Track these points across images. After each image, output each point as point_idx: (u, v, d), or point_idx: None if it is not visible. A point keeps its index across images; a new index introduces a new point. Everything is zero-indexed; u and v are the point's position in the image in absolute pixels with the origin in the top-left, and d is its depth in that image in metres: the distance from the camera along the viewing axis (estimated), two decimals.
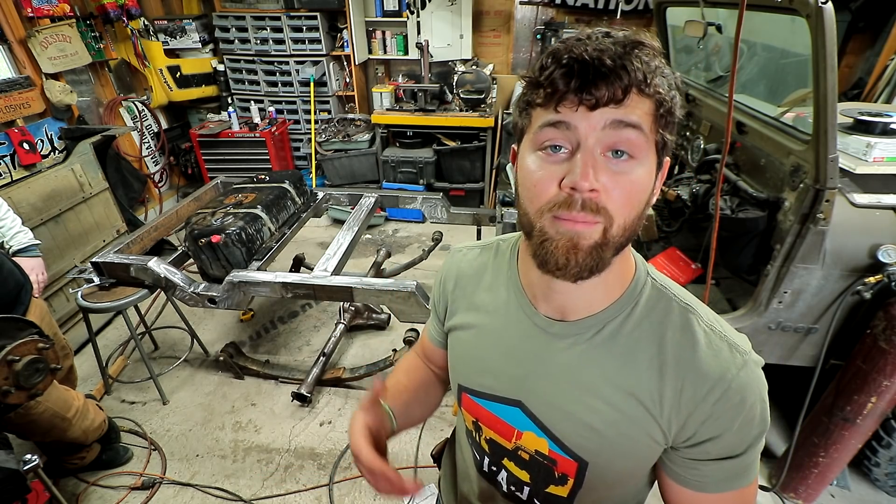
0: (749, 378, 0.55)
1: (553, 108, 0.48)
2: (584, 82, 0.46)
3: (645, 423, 0.57)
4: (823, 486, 1.76)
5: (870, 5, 3.14)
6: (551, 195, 0.50)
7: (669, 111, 0.49)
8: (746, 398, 0.54)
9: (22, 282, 1.66)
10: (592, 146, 0.48)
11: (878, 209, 1.45)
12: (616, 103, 0.46)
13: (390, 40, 4.31)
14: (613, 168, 0.48)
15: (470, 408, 0.72)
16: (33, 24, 3.01)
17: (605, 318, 0.59)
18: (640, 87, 0.47)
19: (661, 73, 0.48)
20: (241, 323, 2.93)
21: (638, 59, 0.47)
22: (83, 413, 1.76)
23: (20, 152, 2.82)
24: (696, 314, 0.58)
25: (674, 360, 0.56)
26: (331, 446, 2.13)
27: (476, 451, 0.77)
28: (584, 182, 0.47)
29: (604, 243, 0.50)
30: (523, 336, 0.64)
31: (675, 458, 0.59)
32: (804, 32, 1.25)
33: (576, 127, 0.48)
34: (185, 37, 4.10)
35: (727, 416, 0.54)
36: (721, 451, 0.56)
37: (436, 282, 0.81)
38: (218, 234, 2.03)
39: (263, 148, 4.14)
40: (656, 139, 0.50)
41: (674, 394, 0.56)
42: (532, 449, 0.66)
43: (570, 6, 3.90)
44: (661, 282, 0.61)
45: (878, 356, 1.44)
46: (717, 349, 0.55)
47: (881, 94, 2.95)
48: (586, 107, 0.47)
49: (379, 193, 2.76)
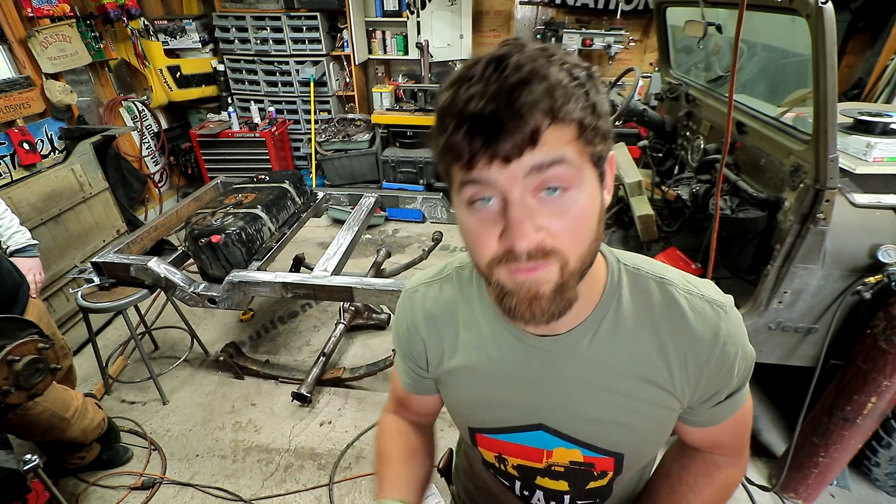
0: (733, 326, 0.58)
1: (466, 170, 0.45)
2: (488, 140, 0.42)
3: (664, 401, 0.60)
4: (823, 486, 1.76)
5: (870, 5, 3.14)
6: (493, 250, 0.48)
7: (593, 125, 0.45)
8: (737, 343, 0.58)
9: (19, 282, 1.66)
10: (519, 197, 0.44)
11: (878, 209, 1.45)
12: (531, 146, 0.42)
13: (390, 40, 4.31)
14: (551, 207, 0.45)
15: (489, 445, 0.70)
16: (33, 24, 3.01)
17: (596, 320, 0.59)
18: (552, 118, 0.42)
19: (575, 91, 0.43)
20: (241, 323, 2.93)
21: (538, 90, 0.41)
22: (82, 413, 1.76)
23: (20, 152, 2.82)
24: (672, 284, 0.59)
25: (671, 336, 0.58)
26: (331, 446, 2.13)
27: (503, 478, 0.74)
28: (521, 242, 0.44)
29: (564, 282, 0.48)
30: (521, 361, 0.62)
31: (691, 411, 0.63)
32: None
33: (496, 181, 0.44)
34: (185, 37, 4.10)
35: (728, 367, 0.58)
36: (728, 391, 0.61)
37: (400, 328, 0.73)
38: (218, 234, 2.03)
39: (263, 148, 4.14)
40: (588, 157, 0.46)
41: (680, 365, 0.58)
42: (566, 461, 0.66)
43: (570, 6, 3.90)
44: (632, 264, 0.61)
45: (878, 356, 1.44)
46: (701, 311, 0.58)
47: (881, 94, 2.95)
48: (500, 162, 0.43)
49: (379, 193, 2.76)
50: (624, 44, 3.84)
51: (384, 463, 0.77)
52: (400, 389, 0.79)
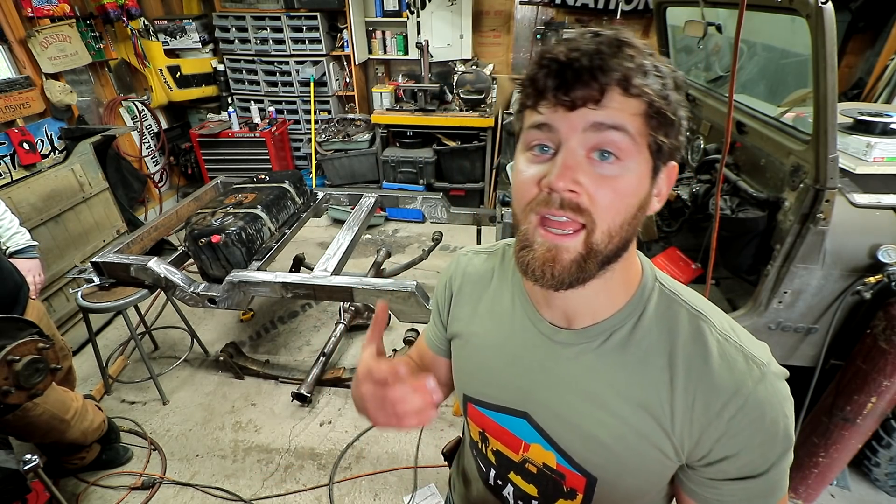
0: (768, 392, 0.51)
1: (535, 109, 0.48)
2: (561, 83, 0.46)
3: (655, 438, 0.55)
4: (823, 486, 1.76)
5: (870, 5, 3.14)
6: (533, 194, 0.49)
7: (661, 112, 0.46)
8: (766, 413, 0.51)
9: (20, 282, 1.66)
10: (574, 147, 0.47)
11: (878, 209, 1.45)
12: (595, 103, 0.45)
13: (390, 40, 4.31)
14: (598, 170, 0.47)
15: (476, 418, 0.71)
16: (33, 24, 3.01)
17: (611, 326, 0.56)
18: (623, 86, 0.45)
19: (653, 73, 0.46)
20: (241, 323, 2.93)
21: (620, 58, 0.45)
22: (82, 414, 1.76)
23: (20, 152, 2.82)
24: (708, 322, 0.55)
25: (685, 372, 0.53)
26: (331, 446, 2.13)
27: (482, 462, 0.75)
28: (559, 182, 0.46)
29: (586, 254, 0.48)
30: (529, 345, 0.62)
31: (692, 477, 0.57)
32: (804, 32, 1.25)
33: (557, 129, 0.47)
34: (185, 37, 4.10)
35: (745, 434, 0.51)
36: (741, 471, 0.53)
37: (439, 284, 0.77)
38: (218, 234, 2.03)
39: (263, 148, 4.14)
40: (648, 142, 0.47)
41: (685, 408, 0.53)
42: (540, 462, 0.64)
43: (570, 6, 3.89)
44: (670, 287, 0.58)
45: (878, 356, 1.44)
46: (732, 361, 0.52)
47: (881, 94, 2.95)
48: (565, 108, 0.46)
49: (379, 193, 2.76)
50: None
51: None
52: (422, 345, 0.84)
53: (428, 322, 0.84)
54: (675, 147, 0.49)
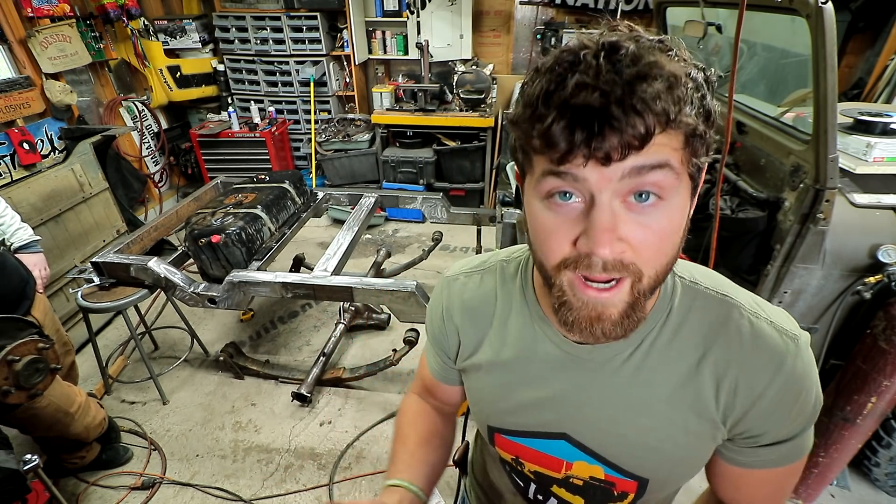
0: (804, 364, 0.51)
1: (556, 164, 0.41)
2: (591, 136, 0.37)
3: (703, 431, 0.54)
4: (823, 486, 1.76)
5: (870, 5, 3.14)
6: (566, 253, 0.44)
7: (703, 134, 0.41)
8: (803, 386, 0.51)
9: (26, 277, 1.68)
10: (609, 200, 0.40)
11: (878, 209, 1.45)
12: (638, 149, 0.38)
13: (390, 40, 4.31)
14: (639, 217, 0.41)
15: (506, 447, 0.67)
16: (33, 24, 3.01)
17: (640, 334, 0.54)
18: (667, 124, 0.38)
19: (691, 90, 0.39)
20: (241, 323, 2.93)
21: (654, 89, 0.37)
22: (85, 409, 1.77)
23: (20, 152, 2.82)
24: (736, 304, 0.53)
25: (723, 361, 0.52)
26: (331, 446, 2.13)
27: (519, 479, 0.71)
28: (602, 250, 0.40)
29: (633, 303, 0.44)
30: (556, 367, 0.59)
31: (729, 446, 0.57)
32: (804, 32, 1.25)
33: (585, 179, 0.40)
34: (185, 37, 4.10)
35: (785, 407, 0.52)
36: (777, 437, 0.54)
37: (434, 314, 0.71)
38: (218, 234, 2.03)
39: (263, 148, 4.14)
40: (689, 167, 0.42)
41: (729, 393, 0.52)
42: (586, 476, 0.62)
43: (570, 6, 3.90)
44: (690, 277, 0.56)
45: (878, 356, 1.44)
46: (768, 339, 0.51)
47: (881, 94, 2.94)
48: (598, 161, 0.39)
49: (379, 193, 2.76)
50: None
51: (401, 443, 0.74)
52: (427, 375, 0.78)
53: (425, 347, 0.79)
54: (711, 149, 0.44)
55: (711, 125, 0.42)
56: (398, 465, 0.70)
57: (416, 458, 0.71)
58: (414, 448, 0.73)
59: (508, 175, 3.36)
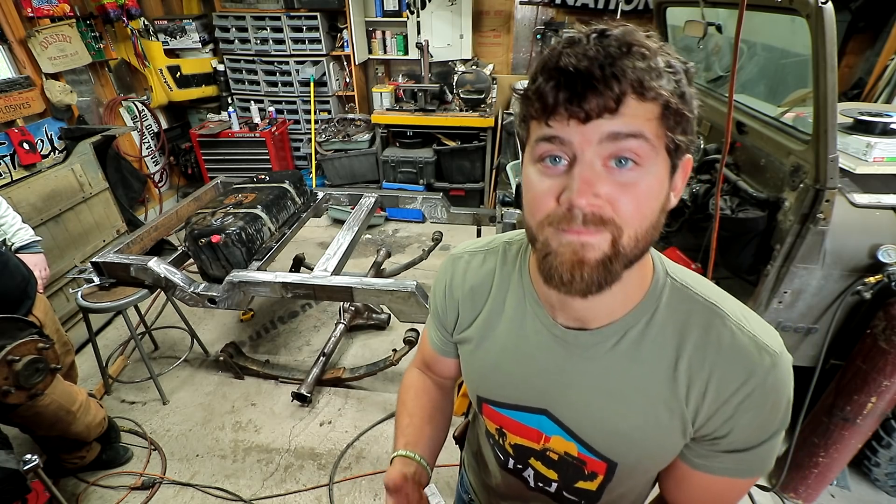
0: (777, 380, 0.53)
1: (545, 123, 0.46)
2: (573, 94, 0.44)
3: (672, 423, 0.57)
4: (823, 486, 1.76)
5: (870, 5, 3.14)
6: (550, 209, 0.48)
7: (677, 112, 0.45)
8: (771, 399, 0.53)
9: (27, 277, 1.68)
10: (591, 159, 0.45)
11: (878, 209, 1.45)
12: (610, 113, 0.44)
13: (390, 40, 4.31)
14: (617, 178, 0.46)
15: (492, 416, 0.71)
16: (33, 24, 3.01)
17: (626, 325, 0.57)
18: (638, 91, 0.43)
19: (667, 71, 0.45)
20: (241, 323, 2.93)
21: (633, 62, 0.43)
22: (86, 408, 1.77)
23: (20, 152, 2.82)
24: (721, 313, 0.56)
25: (698, 364, 0.55)
26: (331, 446, 2.13)
27: (500, 452, 0.76)
28: (580, 199, 0.45)
29: (613, 255, 0.47)
30: (543, 347, 0.62)
31: (690, 447, 0.60)
32: (804, 32, 1.25)
33: (570, 141, 0.45)
34: (185, 37, 4.10)
35: (749, 416, 0.54)
36: (736, 444, 0.56)
37: (437, 289, 0.76)
38: (218, 234, 2.03)
39: (263, 148, 4.14)
40: (666, 143, 0.47)
41: (699, 395, 0.55)
42: (561, 451, 0.66)
43: (570, 6, 3.90)
44: (681, 280, 0.59)
45: (878, 356, 1.44)
46: (744, 350, 0.53)
47: (881, 94, 2.94)
48: (578, 120, 0.44)
49: (379, 193, 2.76)
50: None
51: (408, 417, 0.80)
52: (427, 349, 0.83)
53: (426, 322, 0.84)
54: (690, 142, 0.49)
55: (686, 104, 0.46)
56: (408, 439, 0.77)
57: (424, 434, 0.78)
58: (421, 424, 0.79)
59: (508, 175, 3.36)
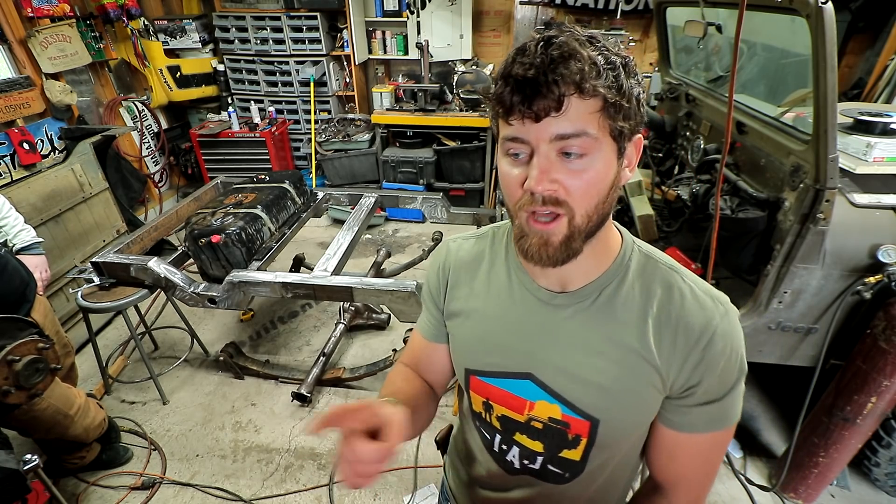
0: (730, 326, 0.62)
1: (507, 122, 0.55)
2: (524, 98, 0.52)
3: (647, 375, 0.63)
4: (823, 486, 1.76)
5: (870, 5, 3.14)
6: (519, 195, 0.58)
7: (617, 103, 0.53)
8: (728, 344, 0.61)
9: (27, 279, 1.68)
10: (545, 152, 0.54)
11: (878, 209, 1.45)
12: (557, 111, 0.51)
13: (390, 40, 4.31)
14: (568, 166, 0.55)
15: (479, 389, 0.76)
16: (33, 24, 3.01)
17: (600, 285, 0.66)
18: (579, 91, 0.51)
19: (605, 68, 0.52)
20: (241, 323, 2.93)
21: (570, 65, 0.50)
22: (85, 410, 1.77)
23: (20, 152, 2.82)
24: (680, 274, 0.66)
25: (666, 315, 0.63)
26: (331, 446, 2.13)
27: (486, 431, 0.79)
28: (537, 186, 0.55)
29: (570, 234, 0.58)
30: (528, 311, 0.69)
31: (667, 405, 0.66)
32: (804, 32, 1.25)
33: (528, 140, 0.55)
34: (185, 37, 4.10)
35: (713, 361, 0.61)
36: (705, 396, 0.63)
37: (431, 272, 0.83)
38: (218, 234, 2.03)
39: (263, 148, 4.14)
40: (610, 131, 0.54)
41: (670, 344, 0.62)
42: (545, 417, 0.70)
43: (570, 6, 3.90)
44: (646, 250, 0.69)
45: (878, 356, 1.44)
46: (702, 301, 0.63)
47: (881, 94, 2.95)
48: (531, 119, 0.53)
49: (379, 193, 2.76)
50: (624, 44, 3.83)
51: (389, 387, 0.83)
52: (417, 343, 0.87)
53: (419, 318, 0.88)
54: (636, 124, 0.56)
55: (624, 96, 0.53)
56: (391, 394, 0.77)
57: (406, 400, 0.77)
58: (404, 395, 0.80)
59: None
